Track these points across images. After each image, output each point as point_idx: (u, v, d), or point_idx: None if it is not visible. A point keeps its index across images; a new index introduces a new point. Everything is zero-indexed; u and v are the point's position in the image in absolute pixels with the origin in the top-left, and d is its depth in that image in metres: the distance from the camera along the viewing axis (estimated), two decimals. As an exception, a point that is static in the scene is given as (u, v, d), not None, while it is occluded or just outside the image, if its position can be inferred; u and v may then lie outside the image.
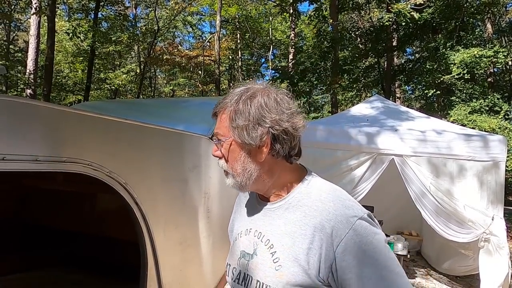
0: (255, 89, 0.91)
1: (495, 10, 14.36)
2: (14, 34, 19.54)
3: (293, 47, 15.77)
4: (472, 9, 11.89)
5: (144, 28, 18.21)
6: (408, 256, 5.13)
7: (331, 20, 11.87)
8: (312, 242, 0.83)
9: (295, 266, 0.84)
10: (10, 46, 16.92)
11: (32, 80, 10.48)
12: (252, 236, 0.95)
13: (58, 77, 17.52)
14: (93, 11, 13.46)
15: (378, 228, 0.86)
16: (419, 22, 11.40)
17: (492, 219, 3.88)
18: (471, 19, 13.18)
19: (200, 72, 21.30)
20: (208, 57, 20.58)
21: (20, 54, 16.35)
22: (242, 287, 0.94)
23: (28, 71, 10.68)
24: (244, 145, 0.88)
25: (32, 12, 10.42)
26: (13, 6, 14.84)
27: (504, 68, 15.71)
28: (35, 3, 10.12)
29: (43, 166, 0.95)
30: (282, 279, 0.85)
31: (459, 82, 11.43)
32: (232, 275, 0.98)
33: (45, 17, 10.70)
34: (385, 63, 14.99)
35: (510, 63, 11.88)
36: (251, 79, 25.58)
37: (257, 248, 0.92)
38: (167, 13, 19.99)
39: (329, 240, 0.81)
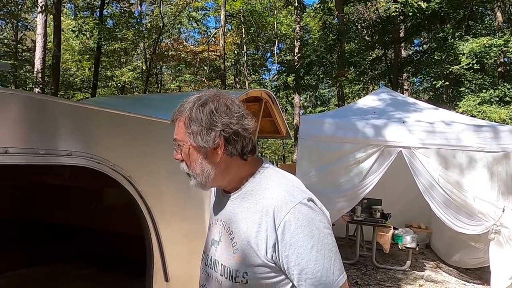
0: (206, 96, 0.99)
1: (505, -2, 14.01)
2: (22, 34, 19.72)
3: (299, 40, 15.64)
4: (482, -2, 11.63)
5: (149, 24, 18.23)
6: (417, 249, 5.09)
7: (336, 12, 11.72)
8: (260, 226, 0.94)
9: (248, 249, 0.95)
10: (18, 45, 17.11)
11: (40, 79, 10.58)
12: (218, 225, 1.07)
13: (65, 75, 17.66)
14: (99, 9, 13.50)
15: (317, 213, 0.94)
16: (426, 12, 11.18)
17: (503, 211, 3.83)
18: (481, 8, 12.89)
19: (205, 67, 21.30)
20: (213, 52, 20.55)
21: (28, 53, 16.50)
22: (212, 270, 1.06)
23: (36, 70, 10.77)
24: (200, 148, 0.96)
25: (38, 11, 10.49)
26: (20, 5, 14.96)
27: (514, 58, 15.37)
28: (41, 2, 10.17)
29: (45, 160, 0.95)
30: (238, 261, 0.96)
31: (468, 73, 11.21)
32: (206, 261, 1.10)
33: (51, 16, 10.76)
34: (392, 55, 14.78)
35: (521, 52, 11.61)
36: (256, 74, 25.51)
37: (222, 235, 1.04)
38: (172, 9, 19.97)
39: (272, 222, 0.92)
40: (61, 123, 1.05)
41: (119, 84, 18.34)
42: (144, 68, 19.44)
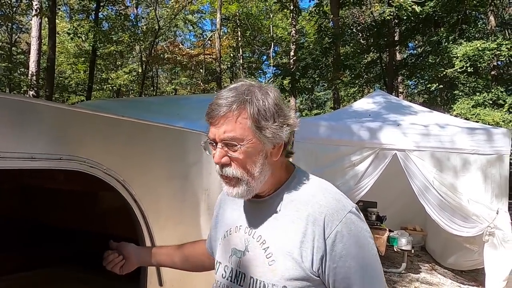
0: (260, 85, 0.87)
1: (498, 2, 14.20)
2: (17, 36, 19.61)
3: (294, 43, 15.71)
4: (475, 2, 11.77)
5: (145, 27, 18.22)
6: (413, 251, 5.11)
7: (332, 16, 11.80)
8: (305, 235, 0.84)
9: (289, 260, 0.84)
10: (13, 48, 17.01)
11: (35, 82, 10.52)
12: (242, 233, 0.94)
13: (60, 78, 17.58)
14: (94, 12, 13.48)
15: (364, 222, 0.89)
16: (420, 16, 11.30)
17: (497, 213, 3.86)
18: (474, 12, 13.05)
19: (201, 70, 21.30)
20: (209, 55, 20.57)
21: (22, 56, 16.42)
22: (235, 285, 0.93)
23: (30, 72, 10.72)
24: (264, 147, 0.84)
25: (33, 14, 10.44)
26: (14, 8, 14.89)
27: (508, 61, 15.53)
28: (36, 5, 10.14)
29: (39, 164, 0.95)
30: (276, 274, 0.85)
31: (462, 76, 11.33)
32: (224, 273, 0.97)
33: (46, 19, 10.73)
34: (387, 58, 14.90)
35: (513, 55, 11.76)
36: (253, 76, 25.56)
37: (249, 244, 0.92)
38: (168, 12, 19.99)
39: (321, 232, 0.83)
40: (54, 127, 1.05)
41: (114, 87, 18.28)
42: (139, 71, 19.41)
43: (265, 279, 0.86)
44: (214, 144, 0.86)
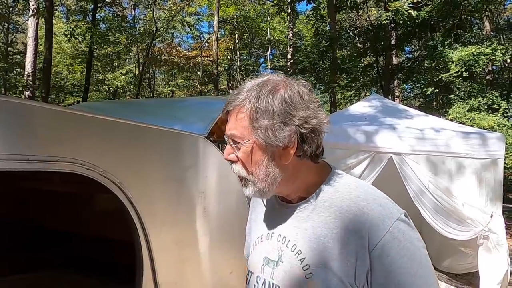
0: (275, 81, 0.80)
1: (493, 8, 14.36)
2: (13, 37, 19.52)
3: (292, 46, 15.78)
4: (470, 7, 11.90)
5: (142, 29, 18.21)
6: (408, 254, 5.12)
7: (329, 20, 11.87)
8: (346, 246, 0.76)
9: (328, 274, 0.76)
10: (9, 48, 16.92)
11: (31, 82, 10.47)
12: (275, 241, 0.86)
13: (57, 79, 17.52)
14: (91, 13, 13.45)
15: (415, 231, 0.79)
16: (417, 21, 11.40)
17: (491, 217, 3.88)
18: (469, 17, 13.19)
19: (198, 72, 21.31)
20: (206, 58, 20.59)
21: (18, 56, 16.33)
22: None
23: (26, 73, 10.67)
24: (268, 147, 0.78)
25: (29, 14, 10.41)
26: (11, 8, 14.83)
27: (502, 66, 15.71)
28: (33, 5, 10.11)
29: (35, 166, 0.94)
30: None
31: (458, 80, 11.43)
32: (256, 283, 0.88)
33: (43, 19, 10.69)
34: (384, 62, 15.00)
35: (508, 60, 11.88)
36: (250, 79, 25.54)
37: (283, 254, 0.83)
38: (165, 13, 20.00)
39: (365, 244, 0.74)
40: (50, 129, 1.05)
41: (111, 88, 18.23)
42: (136, 72, 19.38)
43: None
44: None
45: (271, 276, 0.85)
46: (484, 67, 11.44)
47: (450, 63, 10.24)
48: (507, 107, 10.60)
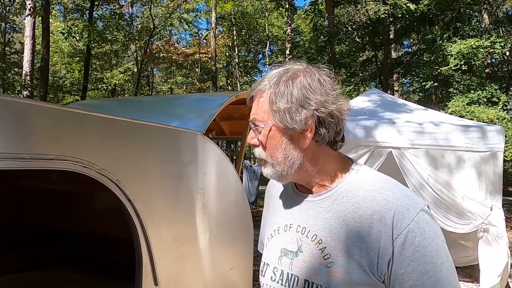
0: (295, 69, 0.83)
1: (492, 0, 14.30)
2: (10, 36, 19.44)
3: (290, 42, 15.73)
4: (469, 0, 11.85)
5: (140, 26, 18.14)
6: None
7: (327, 14, 11.82)
8: (369, 235, 0.76)
9: (350, 262, 0.76)
10: (6, 48, 16.86)
11: (29, 82, 10.44)
12: (294, 232, 0.87)
13: (55, 78, 17.48)
14: (88, 11, 13.39)
15: (437, 224, 0.79)
16: (415, 14, 11.36)
17: (491, 209, 3.88)
18: (468, 10, 13.13)
19: (197, 69, 21.27)
20: (204, 54, 20.54)
21: (16, 56, 16.29)
22: None
23: (24, 72, 10.63)
24: (286, 130, 0.80)
25: (26, 13, 10.36)
26: (7, 7, 14.76)
27: (501, 59, 15.69)
28: (29, 4, 10.06)
29: (30, 164, 0.94)
30: (336, 277, 0.77)
31: (457, 74, 11.42)
32: (274, 275, 0.88)
33: (40, 18, 10.64)
34: (383, 56, 14.97)
35: (507, 53, 11.86)
36: (248, 75, 25.53)
37: (302, 244, 0.84)
38: (163, 11, 19.91)
39: (389, 232, 0.74)
40: (46, 128, 1.04)
41: (109, 87, 18.20)
42: (135, 70, 19.33)
43: (323, 283, 0.78)
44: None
45: (289, 267, 0.85)
46: (483, 60, 11.42)
47: (449, 56, 10.22)
48: (506, 100, 10.60)
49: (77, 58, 17.02)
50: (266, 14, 22.23)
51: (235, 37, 22.65)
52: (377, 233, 0.75)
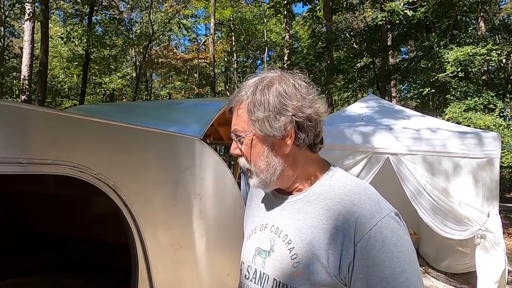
0: (270, 77, 0.84)
1: (488, 8, 14.45)
2: (9, 40, 19.46)
3: (288, 48, 15.81)
4: (465, 8, 11.97)
5: (139, 31, 18.20)
6: (406, 254, 5.12)
7: (325, 21, 11.90)
8: (334, 237, 0.76)
9: (315, 263, 0.77)
10: (5, 52, 16.86)
11: (27, 86, 10.43)
12: (268, 232, 0.89)
13: (53, 82, 17.47)
14: (88, 16, 13.44)
15: (405, 231, 0.78)
16: (412, 21, 11.46)
17: (488, 216, 3.89)
18: (465, 18, 13.26)
19: (195, 74, 21.32)
20: (203, 60, 20.60)
21: (14, 60, 16.29)
22: (257, 286, 0.87)
23: (22, 76, 10.63)
24: (267, 138, 0.82)
25: (25, 18, 10.39)
26: (6, 12, 14.79)
27: (498, 66, 15.82)
28: (29, 9, 10.09)
29: (26, 169, 0.94)
30: (300, 277, 0.78)
31: (454, 80, 11.49)
32: (248, 273, 0.91)
33: (39, 23, 10.66)
34: (380, 62, 15.05)
35: (504, 61, 11.98)
36: (248, 77, 25.53)
37: (274, 244, 0.86)
38: (162, 16, 20.01)
39: (351, 235, 0.75)
40: (43, 132, 1.04)
41: (108, 91, 18.20)
42: (133, 75, 19.36)
43: (289, 282, 0.80)
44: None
45: (262, 266, 0.87)
46: (480, 67, 11.51)
47: (446, 63, 10.29)
48: (503, 106, 10.67)
49: (76, 63, 17.03)
50: (265, 20, 22.35)
51: (233, 43, 22.74)
52: (341, 236, 0.76)
